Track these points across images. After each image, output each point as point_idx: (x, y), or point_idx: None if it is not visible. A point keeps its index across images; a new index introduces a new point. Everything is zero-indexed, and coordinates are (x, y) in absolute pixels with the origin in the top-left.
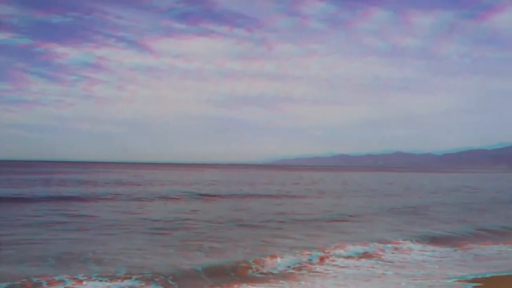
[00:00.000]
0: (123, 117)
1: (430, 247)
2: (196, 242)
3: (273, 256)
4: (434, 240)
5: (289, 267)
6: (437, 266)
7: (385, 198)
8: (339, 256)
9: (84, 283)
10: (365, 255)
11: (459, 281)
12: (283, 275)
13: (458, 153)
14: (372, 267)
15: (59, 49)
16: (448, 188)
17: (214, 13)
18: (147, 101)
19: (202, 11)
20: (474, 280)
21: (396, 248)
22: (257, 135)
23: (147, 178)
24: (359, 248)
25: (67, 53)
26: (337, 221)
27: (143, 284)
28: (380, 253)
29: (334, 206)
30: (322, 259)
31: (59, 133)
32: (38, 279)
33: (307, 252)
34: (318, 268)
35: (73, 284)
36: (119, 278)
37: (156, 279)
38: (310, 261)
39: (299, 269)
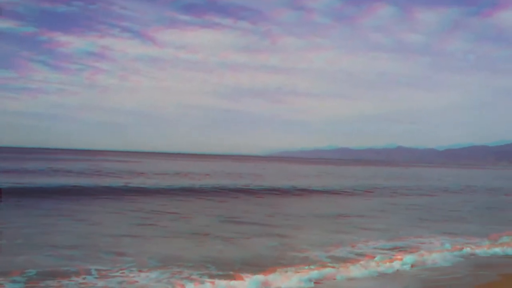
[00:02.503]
0: (126, 106)
1: None
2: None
3: None
4: None
5: None
6: None
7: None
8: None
9: (118, 273)
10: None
11: None
12: None
13: (460, 149)
14: None
15: (63, 38)
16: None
17: (219, 5)
18: (150, 92)
19: (206, 3)
20: None
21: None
22: (260, 127)
23: (158, 168)
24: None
25: (71, 42)
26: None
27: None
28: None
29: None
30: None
31: (61, 122)
32: (66, 268)
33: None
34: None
35: (103, 274)
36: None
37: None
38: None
39: None
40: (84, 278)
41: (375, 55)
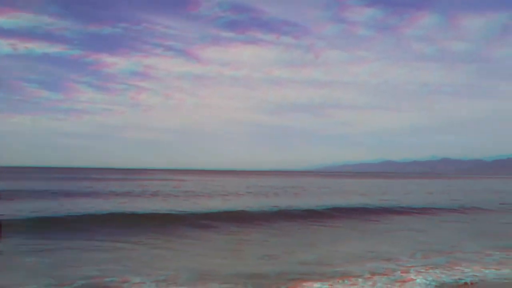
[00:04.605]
0: (171, 124)
1: None
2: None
3: None
4: None
5: None
6: None
7: None
8: None
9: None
10: None
11: None
12: None
13: (510, 159)
14: None
15: (108, 59)
16: None
17: (261, 21)
18: (194, 109)
19: (249, 19)
20: None
21: None
22: (305, 142)
23: (208, 187)
24: None
25: (115, 62)
26: None
27: None
28: None
29: None
30: None
31: (107, 141)
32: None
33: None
34: None
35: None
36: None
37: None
38: None
39: None
40: None
41: (419, 65)
